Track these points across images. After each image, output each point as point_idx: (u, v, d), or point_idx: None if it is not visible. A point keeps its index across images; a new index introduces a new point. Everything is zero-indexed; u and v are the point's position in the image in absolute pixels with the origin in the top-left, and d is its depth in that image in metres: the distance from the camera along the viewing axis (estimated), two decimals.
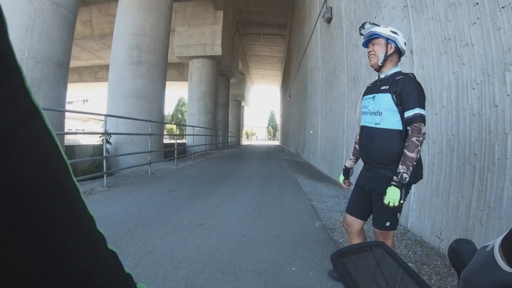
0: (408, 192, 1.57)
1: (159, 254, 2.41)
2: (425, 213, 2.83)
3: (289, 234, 2.98)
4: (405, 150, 1.52)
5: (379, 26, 1.72)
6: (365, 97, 1.79)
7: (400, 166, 1.51)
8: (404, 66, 3.27)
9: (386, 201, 1.50)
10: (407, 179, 1.49)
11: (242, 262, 2.31)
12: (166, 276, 2.05)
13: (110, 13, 17.09)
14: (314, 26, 9.67)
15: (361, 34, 1.85)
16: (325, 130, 7.98)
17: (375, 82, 1.78)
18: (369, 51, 1.71)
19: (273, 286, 1.96)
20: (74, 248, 0.19)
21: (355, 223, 1.83)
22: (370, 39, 1.72)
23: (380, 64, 1.69)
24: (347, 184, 2.00)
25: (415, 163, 1.51)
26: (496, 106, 2.00)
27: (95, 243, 0.22)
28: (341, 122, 6.16)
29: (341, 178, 2.03)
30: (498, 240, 0.35)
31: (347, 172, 2.02)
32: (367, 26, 1.82)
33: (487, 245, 0.37)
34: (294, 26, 17.49)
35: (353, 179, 1.95)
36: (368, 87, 1.84)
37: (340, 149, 6.18)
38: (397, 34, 1.66)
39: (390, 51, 1.67)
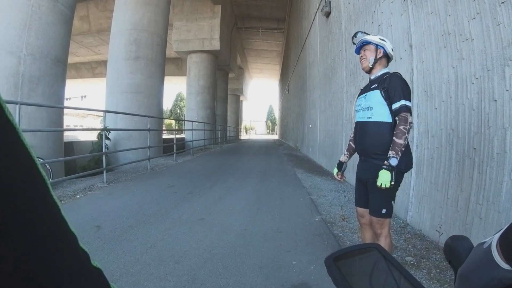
0: (400, 180, 1.75)
1: (160, 250, 2.43)
2: (424, 207, 2.85)
3: (289, 228, 3.00)
4: (394, 138, 1.69)
5: (369, 34, 1.93)
6: (359, 97, 2.00)
7: (390, 152, 1.68)
8: (403, 60, 3.27)
9: (378, 183, 1.66)
10: (397, 162, 1.65)
11: (243, 257, 2.33)
12: (167, 271, 2.07)
13: (107, 8, 16.92)
14: (313, 20, 9.60)
15: (353, 43, 2.03)
16: (324, 124, 7.98)
17: (367, 84, 1.98)
18: (361, 56, 1.93)
19: (274, 280, 1.98)
20: (55, 267, 0.19)
21: (365, 213, 1.96)
22: (361, 46, 1.93)
23: (371, 66, 1.89)
24: (339, 176, 2.17)
25: (403, 149, 1.69)
26: (496, 101, 2.01)
27: (78, 260, 0.22)
28: (340, 116, 6.15)
29: (335, 171, 2.20)
30: (496, 237, 0.34)
31: (340, 165, 2.18)
32: (359, 35, 2.04)
33: (484, 242, 0.36)
34: (292, 20, 17.36)
35: (350, 174, 1.96)
36: (361, 89, 2.04)
37: (339, 143, 6.18)
38: (385, 41, 1.88)
39: (379, 55, 1.88)
